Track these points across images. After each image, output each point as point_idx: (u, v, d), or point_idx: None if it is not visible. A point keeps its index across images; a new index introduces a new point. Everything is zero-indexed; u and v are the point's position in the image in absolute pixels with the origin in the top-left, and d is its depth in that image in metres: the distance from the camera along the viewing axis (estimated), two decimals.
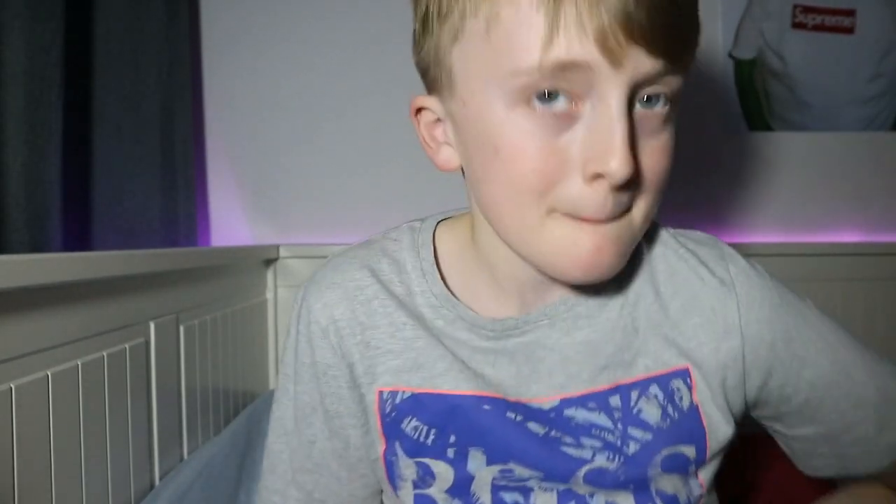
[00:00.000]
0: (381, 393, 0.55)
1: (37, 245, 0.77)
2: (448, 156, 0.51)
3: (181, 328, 0.82)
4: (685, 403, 0.53)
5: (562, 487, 0.53)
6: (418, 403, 0.54)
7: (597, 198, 0.43)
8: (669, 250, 0.57)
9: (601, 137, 0.42)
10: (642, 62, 0.41)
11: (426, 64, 0.50)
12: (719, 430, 0.54)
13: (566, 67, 0.41)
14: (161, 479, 0.76)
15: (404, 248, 0.57)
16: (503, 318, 0.54)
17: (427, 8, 0.47)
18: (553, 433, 0.53)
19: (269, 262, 1.17)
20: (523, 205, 0.45)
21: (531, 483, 0.53)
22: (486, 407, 0.53)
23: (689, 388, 0.53)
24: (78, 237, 0.94)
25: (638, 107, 0.44)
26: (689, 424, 0.53)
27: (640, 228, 0.48)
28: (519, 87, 0.43)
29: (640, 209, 0.47)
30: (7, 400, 0.51)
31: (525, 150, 0.43)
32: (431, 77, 0.50)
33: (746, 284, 0.55)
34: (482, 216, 0.52)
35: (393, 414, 0.54)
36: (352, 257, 0.58)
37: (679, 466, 0.53)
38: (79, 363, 0.61)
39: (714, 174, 1.22)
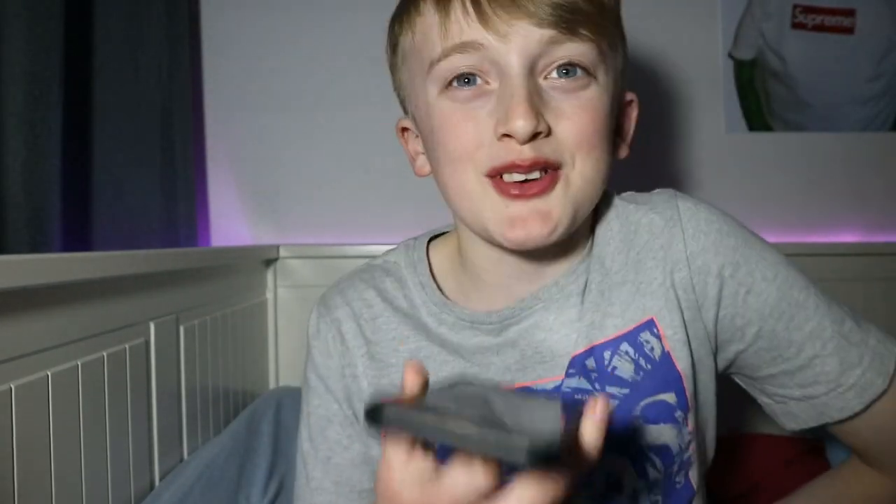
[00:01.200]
0: None
1: (37, 245, 0.77)
2: (421, 163, 0.61)
3: (181, 328, 0.82)
4: (657, 353, 0.55)
5: None
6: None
7: (512, 149, 0.49)
8: (623, 209, 0.60)
9: (505, 102, 0.49)
10: (530, 33, 0.49)
11: (397, 91, 0.61)
12: (694, 371, 0.56)
13: (464, 49, 0.50)
14: (161, 479, 0.76)
15: (403, 267, 0.64)
16: (500, 308, 0.58)
17: (388, 48, 0.60)
18: None
19: (269, 262, 1.17)
20: (460, 171, 0.52)
21: None
22: None
23: (659, 338, 0.55)
24: (78, 237, 0.94)
25: (555, 76, 0.51)
26: (662, 372, 0.55)
27: (582, 189, 0.52)
28: (439, 76, 0.52)
29: (578, 168, 0.51)
30: (7, 400, 0.51)
31: (450, 122, 0.52)
32: (401, 99, 0.61)
33: (693, 216, 0.57)
34: (458, 219, 0.59)
35: None
36: (359, 279, 0.65)
37: (662, 415, 0.55)
38: (79, 363, 0.61)
39: (714, 174, 1.22)
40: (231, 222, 1.20)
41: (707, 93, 1.22)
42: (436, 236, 0.67)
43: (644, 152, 1.20)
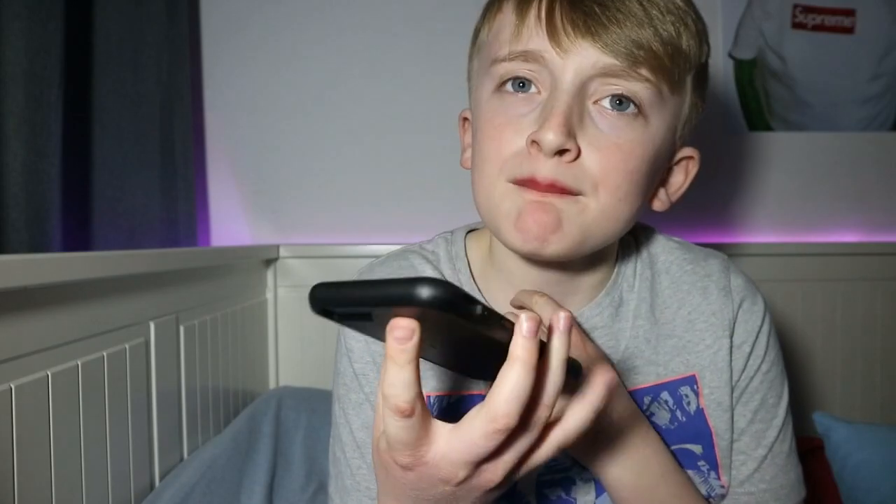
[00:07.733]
0: (429, 398, 0.57)
1: (37, 245, 0.77)
2: (468, 156, 0.59)
3: (181, 328, 0.82)
4: (692, 408, 0.57)
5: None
6: (460, 408, 0.57)
7: (533, 160, 0.49)
8: (674, 265, 0.61)
9: (545, 112, 0.49)
10: (589, 55, 0.49)
11: (468, 80, 0.60)
12: (727, 430, 0.57)
13: (527, 56, 0.51)
14: (161, 479, 0.76)
15: (442, 260, 0.62)
16: None
17: (473, 35, 0.59)
18: None
19: (269, 262, 1.17)
20: (486, 172, 0.52)
21: (573, 473, 0.57)
22: None
23: (696, 394, 0.57)
24: (78, 237, 0.94)
25: (607, 104, 0.50)
26: (695, 426, 0.57)
27: (596, 221, 0.51)
28: (497, 74, 0.52)
29: (597, 201, 0.50)
30: (7, 400, 0.51)
31: (493, 124, 0.52)
32: (469, 90, 0.60)
33: (745, 295, 0.60)
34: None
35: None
36: (396, 264, 0.61)
37: (685, 461, 0.57)
38: (79, 363, 0.61)
39: (714, 174, 1.22)
40: (231, 222, 1.20)
41: (707, 93, 1.22)
42: (470, 230, 0.65)
43: None
